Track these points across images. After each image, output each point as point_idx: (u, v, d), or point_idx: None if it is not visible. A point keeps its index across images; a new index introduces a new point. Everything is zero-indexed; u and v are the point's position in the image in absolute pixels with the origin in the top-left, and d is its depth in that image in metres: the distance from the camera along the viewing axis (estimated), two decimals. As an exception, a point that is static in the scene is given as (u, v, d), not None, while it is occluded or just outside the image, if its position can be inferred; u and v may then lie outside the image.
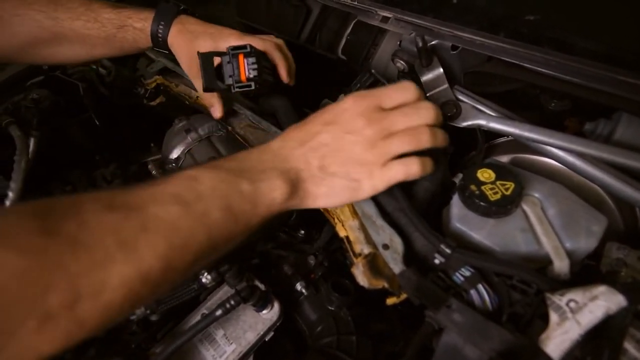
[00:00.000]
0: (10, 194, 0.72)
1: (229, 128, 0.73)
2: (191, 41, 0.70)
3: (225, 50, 0.62)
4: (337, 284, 0.63)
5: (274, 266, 0.65)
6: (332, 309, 0.62)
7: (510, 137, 0.70)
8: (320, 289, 0.64)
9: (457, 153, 0.81)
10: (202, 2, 1.35)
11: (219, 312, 0.50)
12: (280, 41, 0.73)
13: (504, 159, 0.71)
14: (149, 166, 0.89)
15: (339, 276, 0.65)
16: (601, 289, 0.42)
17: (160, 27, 0.71)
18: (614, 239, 0.54)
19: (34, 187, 0.81)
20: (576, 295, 0.42)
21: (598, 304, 0.41)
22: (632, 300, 0.41)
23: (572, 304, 0.41)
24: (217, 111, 0.74)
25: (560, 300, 0.42)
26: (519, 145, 0.68)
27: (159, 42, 0.72)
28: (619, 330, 0.42)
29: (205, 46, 0.68)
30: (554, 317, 0.41)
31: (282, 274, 0.64)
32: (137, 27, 0.72)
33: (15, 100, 0.89)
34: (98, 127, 0.95)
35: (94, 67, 1.02)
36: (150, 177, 0.89)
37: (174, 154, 0.90)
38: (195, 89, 0.85)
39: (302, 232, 0.70)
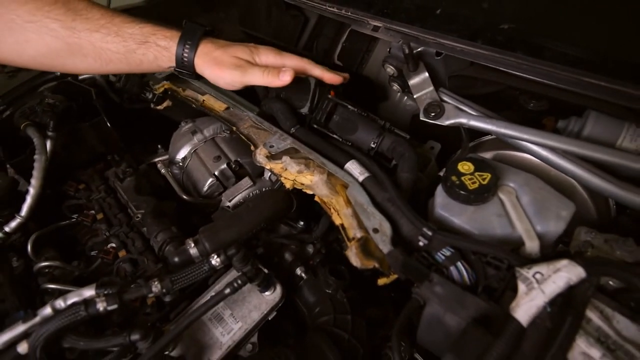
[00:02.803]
0: (31, 190, 0.78)
1: (234, 128, 0.79)
2: (220, 69, 0.70)
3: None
4: (334, 269, 0.69)
5: (276, 254, 0.71)
6: (329, 292, 0.67)
7: (493, 136, 0.77)
8: (318, 274, 0.70)
9: (444, 152, 0.88)
10: (204, 11, 1.41)
11: (227, 291, 0.56)
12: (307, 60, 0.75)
13: (488, 155, 0.77)
14: (158, 165, 0.95)
15: (335, 263, 0.71)
16: (563, 262, 0.47)
17: (187, 47, 0.69)
18: (588, 227, 0.60)
19: (49, 186, 0.86)
20: (542, 268, 0.48)
21: (560, 275, 0.47)
22: (591, 272, 0.47)
23: (537, 276, 0.47)
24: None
25: (528, 272, 0.48)
26: (501, 143, 0.74)
27: (184, 64, 0.70)
28: (581, 301, 0.48)
29: (249, 73, 0.69)
30: (522, 287, 0.47)
31: (284, 260, 0.70)
32: (161, 44, 0.69)
33: (31, 104, 0.95)
34: (109, 130, 1.01)
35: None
36: (159, 175, 0.95)
37: (181, 154, 0.96)
38: (201, 93, 0.91)
39: (302, 223, 0.76)
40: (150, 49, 0.69)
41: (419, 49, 0.74)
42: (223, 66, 0.69)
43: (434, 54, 0.74)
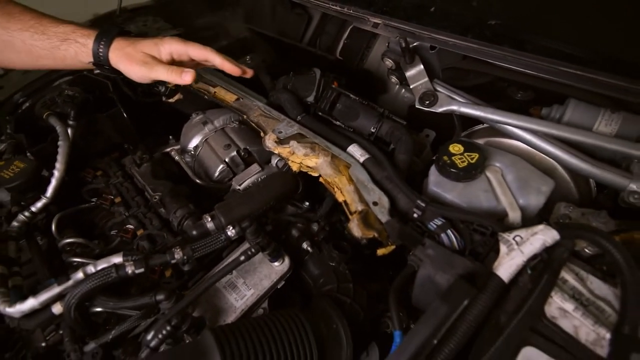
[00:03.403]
0: (56, 173, 0.84)
1: (244, 117, 0.85)
2: (130, 63, 0.76)
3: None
4: (337, 245, 0.75)
5: (283, 231, 0.77)
6: (333, 264, 0.73)
7: (485, 125, 0.83)
8: (322, 249, 0.76)
9: (438, 139, 0.95)
10: (211, 10, 1.47)
11: (242, 258, 0.62)
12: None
13: (480, 142, 0.83)
14: (172, 153, 1.02)
15: (338, 240, 0.77)
16: (540, 226, 0.54)
17: (102, 44, 0.76)
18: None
19: (68, 173, 0.92)
20: (521, 232, 0.54)
21: (537, 237, 0.53)
22: (564, 235, 0.53)
23: (517, 238, 0.54)
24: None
25: (509, 236, 0.54)
26: (491, 131, 0.81)
27: (100, 59, 0.77)
28: (558, 262, 0.54)
29: (154, 69, 0.74)
30: (503, 248, 0.53)
31: (291, 237, 0.76)
32: (80, 41, 0.77)
33: (51, 96, 1.01)
34: (125, 121, 1.07)
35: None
36: (173, 163, 1.01)
37: (193, 143, 1.02)
38: (212, 85, 0.97)
39: (307, 204, 0.82)
40: (71, 46, 0.77)
41: (415, 44, 0.80)
42: (133, 61, 0.75)
43: (429, 48, 0.80)
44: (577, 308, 0.51)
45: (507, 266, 0.52)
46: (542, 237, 0.53)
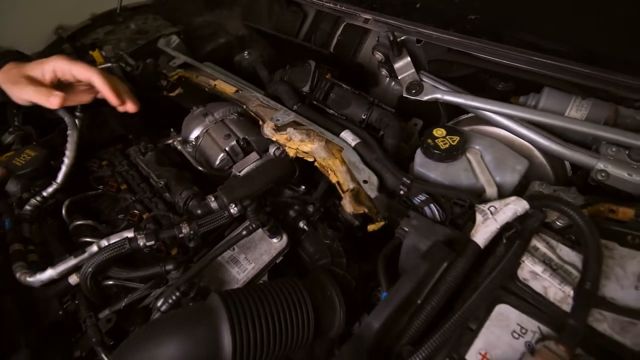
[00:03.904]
0: (66, 160, 0.89)
1: (244, 107, 0.91)
2: (11, 85, 0.78)
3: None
4: (331, 224, 0.81)
5: (281, 212, 0.83)
6: (327, 242, 0.79)
7: (469, 115, 0.90)
8: (317, 229, 0.81)
9: (425, 127, 1.01)
10: (209, 9, 1.53)
11: (244, 232, 0.68)
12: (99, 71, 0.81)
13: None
14: (175, 143, 1.07)
15: (332, 220, 0.83)
16: (512, 198, 0.60)
17: None
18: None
19: (75, 163, 0.97)
20: (495, 203, 0.60)
21: (509, 207, 0.59)
22: (533, 205, 0.59)
23: (492, 209, 0.60)
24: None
25: (484, 207, 0.60)
26: (475, 120, 0.87)
27: None
28: (529, 230, 0.60)
29: (24, 90, 0.76)
30: (479, 217, 0.60)
31: (288, 217, 0.82)
32: None
33: (59, 90, 1.06)
34: (128, 113, 1.12)
35: (122, 64, 1.20)
36: (175, 153, 1.06)
37: (194, 134, 1.07)
38: (212, 79, 1.03)
39: (303, 187, 0.88)
40: None
41: (402, 37, 0.86)
42: (11, 83, 0.78)
43: (415, 41, 0.86)
44: (546, 270, 0.57)
45: (482, 233, 0.58)
46: (514, 206, 0.59)
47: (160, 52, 1.27)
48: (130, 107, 0.82)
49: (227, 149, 0.99)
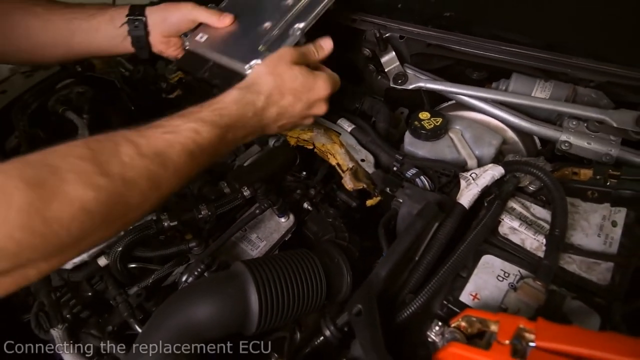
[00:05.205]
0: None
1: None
2: (171, 6, 0.89)
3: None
4: (332, 204, 0.89)
5: (286, 195, 0.90)
6: (330, 220, 0.87)
7: (450, 102, 1.00)
8: (320, 209, 0.90)
9: (411, 115, 1.11)
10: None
11: (257, 211, 0.75)
12: None
13: (447, 115, 1.00)
14: (179, 140, 1.13)
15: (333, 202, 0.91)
16: (490, 165, 0.70)
17: (137, 11, 0.88)
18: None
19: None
20: (476, 171, 0.70)
21: (488, 172, 0.69)
22: (508, 170, 0.69)
23: (473, 175, 0.69)
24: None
25: (467, 174, 0.70)
26: (455, 107, 0.97)
27: (135, 12, 0.89)
28: (506, 193, 0.69)
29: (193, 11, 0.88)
30: (463, 183, 0.69)
31: (292, 199, 0.89)
32: (116, 9, 0.90)
33: (64, 93, 1.11)
34: (132, 114, 1.18)
35: (122, 69, 1.26)
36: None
37: (196, 132, 1.14)
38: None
39: (304, 173, 0.96)
40: (107, 11, 0.89)
41: (387, 35, 0.96)
42: (173, 6, 0.90)
43: (398, 37, 0.96)
44: (522, 224, 0.67)
45: (466, 196, 0.68)
46: (492, 172, 0.69)
47: (159, 57, 1.32)
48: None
49: (229, 143, 1.06)
